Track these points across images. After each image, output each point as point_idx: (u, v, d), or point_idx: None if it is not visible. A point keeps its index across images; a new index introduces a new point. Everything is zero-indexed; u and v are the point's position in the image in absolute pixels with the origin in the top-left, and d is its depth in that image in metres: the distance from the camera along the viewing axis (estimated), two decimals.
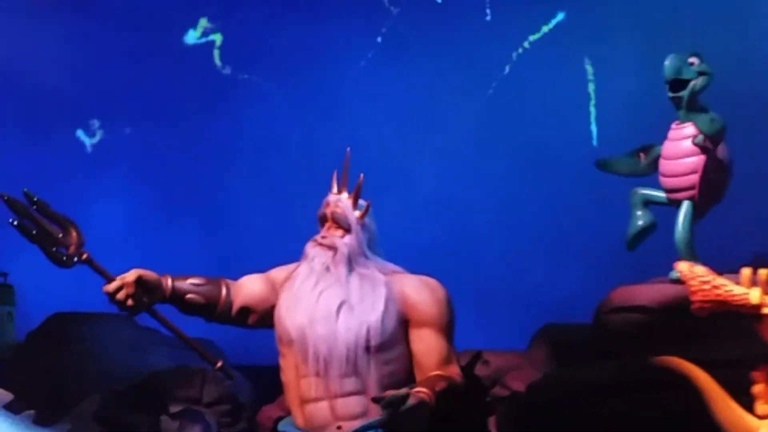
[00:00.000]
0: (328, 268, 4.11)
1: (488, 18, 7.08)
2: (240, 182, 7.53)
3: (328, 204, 4.25)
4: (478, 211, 6.91)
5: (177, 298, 4.15)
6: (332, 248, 4.13)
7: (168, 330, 4.20)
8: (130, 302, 3.99)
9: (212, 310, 4.21)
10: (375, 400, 3.73)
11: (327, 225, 4.23)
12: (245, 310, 4.25)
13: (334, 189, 4.27)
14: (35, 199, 3.99)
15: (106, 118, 7.77)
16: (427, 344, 4.10)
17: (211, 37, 7.76)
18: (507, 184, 6.88)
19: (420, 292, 4.14)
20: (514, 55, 6.99)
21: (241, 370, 5.21)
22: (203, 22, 7.77)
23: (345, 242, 4.14)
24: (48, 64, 7.60)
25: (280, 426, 4.24)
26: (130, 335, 5.59)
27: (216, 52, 7.74)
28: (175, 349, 5.38)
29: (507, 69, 6.98)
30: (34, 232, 3.97)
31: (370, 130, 7.00)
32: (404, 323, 4.12)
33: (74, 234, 4.04)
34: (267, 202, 7.45)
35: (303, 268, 4.19)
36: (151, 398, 4.92)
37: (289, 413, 4.23)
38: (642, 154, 4.69)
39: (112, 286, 3.99)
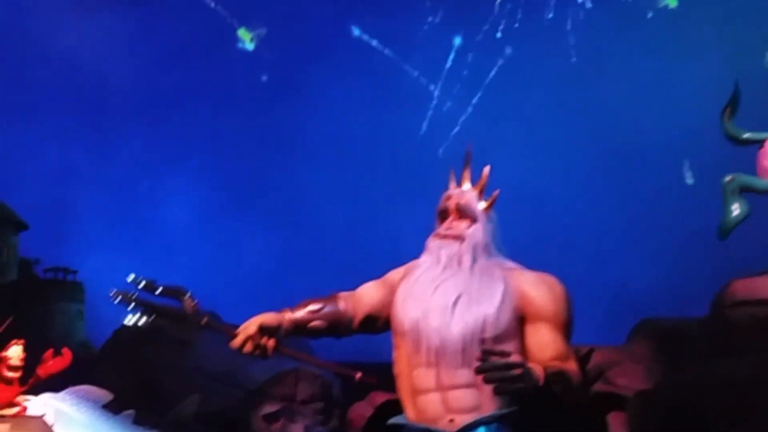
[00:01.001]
0: (452, 260, 4.05)
1: (580, 14, 7.02)
2: (312, 179, 7.53)
3: (449, 197, 4.21)
4: (566, 207, 6.87)
5: (299, 329, 4.18)
6: (459, 238, 4.08)
7: (301, 361, 4.22)
8: (258, 352, 4.06)
9: (335, 329, 4.23)
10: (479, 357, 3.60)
11: (450, 218, 4.18)
12: (369, 320, 4.24)
13: (452, 185, 4.23)
14: (140, 280, 4.03)
15: (178, 115, 7.78)
16: (541, 339, 4.01)
17: (285, 33, 7.73)
18: (595, 180, 6.84)
19: (537, 287, 4.06)
20: (606, 48, 6.92)
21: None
22: (266, 21, 7.75)
23: (471, 232, 4.09)
24: (119, 65, 7.62)
25: (393, 420, 4.19)
26: None
27: (289, 48, 7.72)
28: None
29: (602, 62, 6.91)
30: (154, 316, 3.95)
31: (450, 126, 6.96)
32: (520, 318, 4.04)
33: (189, 301, 4.08)
34: (340, 199, 7.42)
35: (424, 258, 4.14)
36: (250, 397, 4.90)
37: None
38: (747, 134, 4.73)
39: (237, 342, 4.04)
